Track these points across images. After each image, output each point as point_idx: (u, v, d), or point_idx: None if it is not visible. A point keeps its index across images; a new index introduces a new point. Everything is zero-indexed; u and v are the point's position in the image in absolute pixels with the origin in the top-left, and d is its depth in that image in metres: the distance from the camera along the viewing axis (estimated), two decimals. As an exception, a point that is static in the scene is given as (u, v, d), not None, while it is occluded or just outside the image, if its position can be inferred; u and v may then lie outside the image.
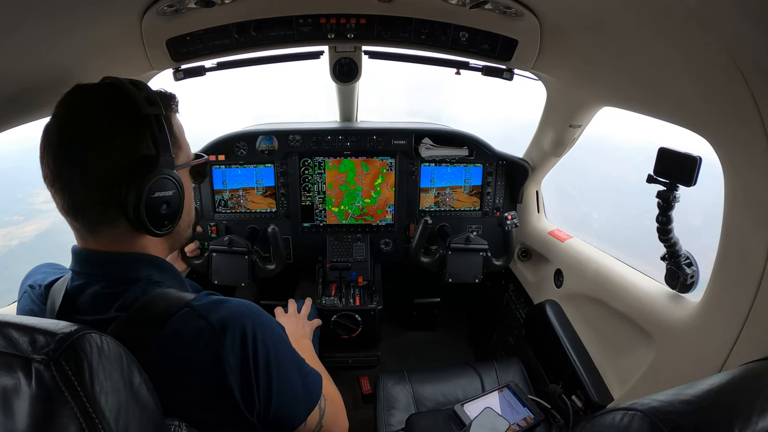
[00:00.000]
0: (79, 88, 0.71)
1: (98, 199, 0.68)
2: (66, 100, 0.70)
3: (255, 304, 0.75)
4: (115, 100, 0.70)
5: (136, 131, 0.70)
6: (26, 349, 0.50)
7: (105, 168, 0.67)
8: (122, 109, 0.69)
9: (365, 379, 2.19)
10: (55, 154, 0.67)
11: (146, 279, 0.73)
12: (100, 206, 0.69)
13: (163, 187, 0.73)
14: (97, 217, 0.70)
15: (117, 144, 0.68)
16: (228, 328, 0.67)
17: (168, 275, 0.78)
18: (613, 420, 0.47)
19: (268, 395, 0.71)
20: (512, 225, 1.74)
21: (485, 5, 1.21)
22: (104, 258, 0.72)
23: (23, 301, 0.81)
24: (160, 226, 0.74)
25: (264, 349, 0.70)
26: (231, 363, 0.66)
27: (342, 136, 1.86)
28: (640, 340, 1.24)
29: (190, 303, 0.69)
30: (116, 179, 0.68)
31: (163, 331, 0.66)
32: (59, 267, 0.87)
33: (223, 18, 1.27)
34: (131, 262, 0.73)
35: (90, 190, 0.67)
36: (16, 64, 0.87)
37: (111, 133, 0.67)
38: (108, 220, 0.70)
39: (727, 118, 0.86)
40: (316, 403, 0.82)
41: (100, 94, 0.70)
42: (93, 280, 0.72)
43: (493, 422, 1.33)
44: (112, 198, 0.68)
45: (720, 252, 0.97)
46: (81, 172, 0.66)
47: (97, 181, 0.67)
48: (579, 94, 1.44)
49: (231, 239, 1.69)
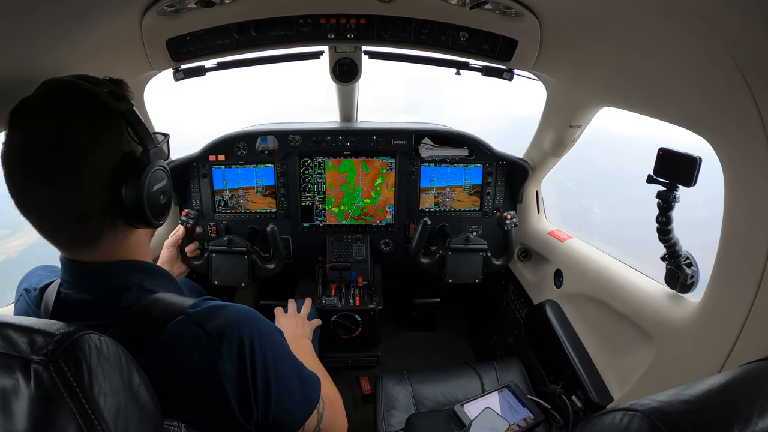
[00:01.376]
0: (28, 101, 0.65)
1: (95, 210, 0.66)
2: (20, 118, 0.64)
3: (253, 310, 0.75)
4: (79, 104, 0.65)
5: (116, 131, 0.68)
6: (25, 349, 0.50)
7: (93, 178, 0.64)
8: (95, 113, 0.66)
9: (365, 380, 2.19)
10: (30, 180, 0.62)
11: (137, 286, 0.72)
12: (98, 216, 0.66)
13: (159, 178, 0.73)
14: (96, 227, 0.67)
15: (99, 151, 0.64)
16: (225, 336, 0.67)
17: (161, 280, 0.77)
18: (613, 420, 0.47)
19: (266, 402, 0.70)
20: (512, 224, 1.74)
21: (485, 5, 1.21)
22: (92, 268, 0.70)
23: (19, 304, 0.81)
24: (160, 216, 0.75)
25: (262, 356, 0.70)
26: (228, 372, 0.66)
27: (342, 136, 1.86)
28: (640, 340, 1.24)
29: (186, 310, 0.68)
30: (109, 184, 0.65)
31: (160, 337, 0.65)
32: (55, 269, 0.86)
33: (223, 18, 1.27)
34: (120, 271, 0.72)
35: (82, 205, 0.64)
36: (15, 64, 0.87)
37: (89, 142, 0.64)
38: (107, 227, 0.69)
39: (727, 119, 0.86)
40: (315, 407, 0.82)
41: (59, 104, 0.64)
42: (82, 290, 0.70)
43: (492, 422, 1.33)
44: (109, 203, 0.66)
45: (720, 252, 0.97)
46: (67, 190, 0.63)
47: (88, 193, 0.64)
48: (579, 95, 1.44)
49: (230, 239, 1.69)
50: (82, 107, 0.65)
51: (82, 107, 0.65)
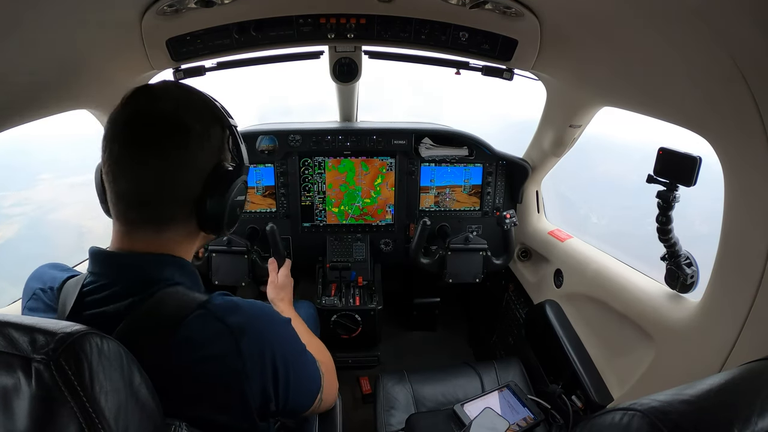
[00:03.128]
0: (165, 85, 0.74)
1: (180, 196, 0.71)
2: (151, 93, 0.71)
3: (268, 306, 0.77)
4: (209, 105, 0.74)
5: (223, 138, 0.75)
6: (26, 348, 0.50)
7: (195, 166, 0.70)
8: (215, 115, 0.74)
9: (365, 379, 2.19)
10: (143, 142, 0.67)
11: (167, 280, 0.72)
12: (178, 204, 0.71)
13: (242, 191, 0.79)
14: (173, 214, 0.71)
15: (211, 146, 0.72)
16: (246, 332, 0.68)
17: (190, 277, 0.77)
18: (612, 420, 0.47)
19: (285, 397, 0.74)
20: (511, 224, 1.74)
21: (485, 5, 1.21)
22: (129, 259, 0.71)
23: (32, 303, 0.78)
24: (231, 226, 0.79)
25: (282, 354, 0.72)
26: (248, 368, 0.67)
27: (342, 136, 1.86)
28: (639, 340, 1.24)
29: (205, 304, 0.68)
30: (203, 179, 0.71)
31: (178, 330, 0.65)
32: (65, 267, 0.84)
33: (223, 18, 1.27)
34: (157, 263, 0.72)
35: (176, 187, 0.70)
36: (16, 64, 0.87)
37: (208, 135, 0.72)
38: (182, 218, 0.73)
39: (727, 119, 0.86)
40: (320, 387, 0.86)
41: (192, 97, 0.74)
42: (112, 281, 0.69)
43: (492, 422, 1.33)
44: (194, 197, 0.71)
45: (720, 252, 0.97)
46: (172, 168, 0.68)
47: (184, 178, 0.70)
48: (579, 94, 1.44)
49: (230, 239, 1.70)
50: (204, 105, 0.74)
51: (203, 105, 0.74)
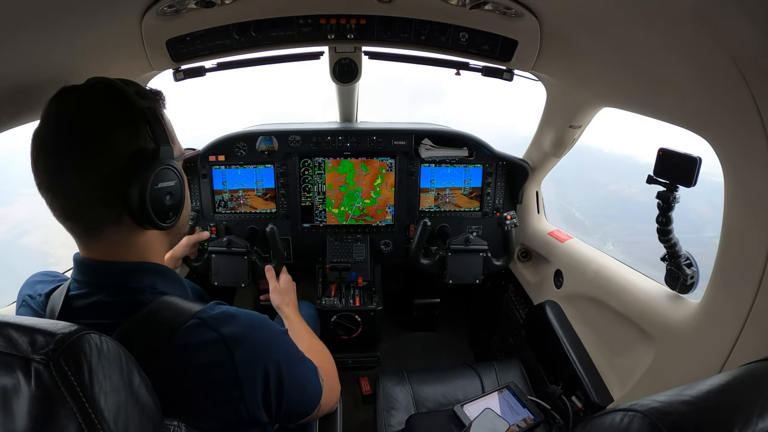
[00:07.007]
0: (67, 90, 0.70)
1: (100, 197, 0.67)
2: (55, 102, 0.69)
3: (264, 316, 0.77)
4: (107, 96, 0.70)
5: (132, 125, 0.70)
6: (26, 349, 0.50)
7: (105, 164, 0.66)
8: (116, 104, 0.69)
9: (365, 380, 2.19)
10: (51, 158, 0.66)
11: (150, 288, 0.73)
12: (102, 205, 0.68)
13: (166, 177, 0.73)
14: (100, 216, 0.69)
15: (115, 139, 0.67)
16: (240, 342, 0.68)
17: (172, 283, 0.77)
18: (612, 421, 0.47)
19: (279, 407, 0.73)
20: (512, 225, 1.74)
21: (485, 6, 1.21)
22: (105, 267, 0.71)
23: (22, 310, 0.81)
24: (165, 218, 0.74)
25: (276, 365, 0.72)
26: (241, 377, 0.67)
27: (342, 136, 1.86)
28: (640, 340, 1.24)
29: (200, 314, 0.68)
30: (117, 174, 0.67)
31: (173, 340, 0.65)
32: (56, 275, 0.86)
33: (223, 18, 1.27)
34: (133, 271, 0.73)
35: (91, 189, 0.67)
36: (16, 65, 0.87)
37: (108, 129, 0.67)
38: (111, 219, 0.70)
39: (728, 119, 0.86)
40: (320, 396, 0.86)
41: (90, 93, 0.70)
42: (94, 290, 0.71)
43: (492, 423, 1.33)
44: (115, 194, 0.68)
45: (720, 252, 0.96)
46: (81, 171, 0.65)
47: (97, 178, 0.66)
48: (579, 95, 1.44)
49: (230, 240, 1.70)
50: (110, 100, 0.70)
51: (110, 100, 0.70)
